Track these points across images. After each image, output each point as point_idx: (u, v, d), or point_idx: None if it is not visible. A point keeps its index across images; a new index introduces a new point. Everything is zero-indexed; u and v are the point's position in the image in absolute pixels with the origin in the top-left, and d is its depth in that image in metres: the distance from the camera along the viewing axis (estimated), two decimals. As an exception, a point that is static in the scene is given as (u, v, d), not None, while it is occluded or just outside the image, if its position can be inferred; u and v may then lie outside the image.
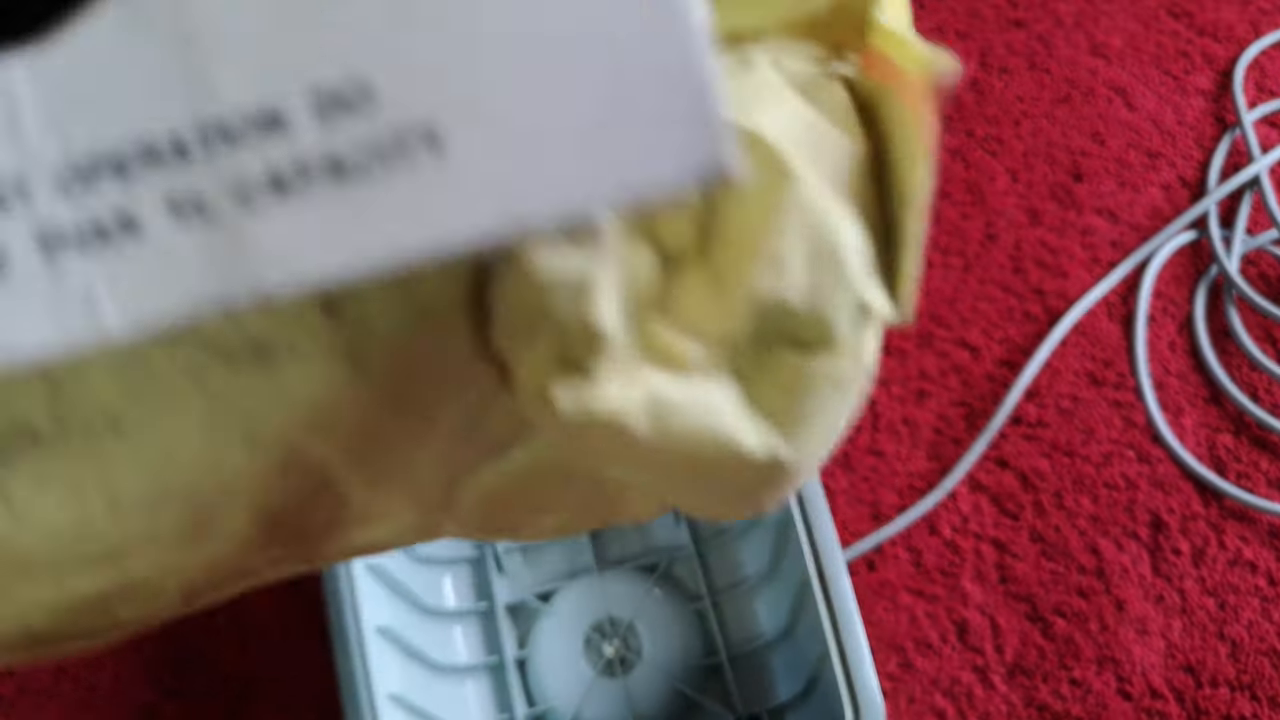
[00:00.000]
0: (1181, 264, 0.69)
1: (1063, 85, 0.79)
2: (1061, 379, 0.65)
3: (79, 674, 0.61)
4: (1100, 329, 0.67)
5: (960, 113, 0.77)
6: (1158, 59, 0.79)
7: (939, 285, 0.69)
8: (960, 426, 0.64)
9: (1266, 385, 0.64)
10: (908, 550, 0.60)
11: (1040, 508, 0.61)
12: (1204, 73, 0.78)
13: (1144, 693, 0.56)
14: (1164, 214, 0.71)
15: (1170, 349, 0.66)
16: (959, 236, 0.71)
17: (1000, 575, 0.59)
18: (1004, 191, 0.73)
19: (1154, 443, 0.63)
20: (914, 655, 0.58)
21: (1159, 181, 0.73)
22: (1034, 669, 0.57)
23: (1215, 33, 0.80)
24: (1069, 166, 0.74)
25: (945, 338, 0.67)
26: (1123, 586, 0.58)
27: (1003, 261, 0.70)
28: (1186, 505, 0.61)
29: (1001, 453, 0.63)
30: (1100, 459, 0.62)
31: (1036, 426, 0.64)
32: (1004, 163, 0.75)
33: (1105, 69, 0.79)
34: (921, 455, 0.63)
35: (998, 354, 0.67)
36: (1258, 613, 0.57)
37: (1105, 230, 0.71)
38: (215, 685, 0.60)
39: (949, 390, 0.66)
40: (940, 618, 0.58)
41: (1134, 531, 0.60)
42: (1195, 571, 0.59)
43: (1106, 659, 0.57)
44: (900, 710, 0.56)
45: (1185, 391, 0.64)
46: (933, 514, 0.61)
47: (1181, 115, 0.76)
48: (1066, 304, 0.68)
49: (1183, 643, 0.57)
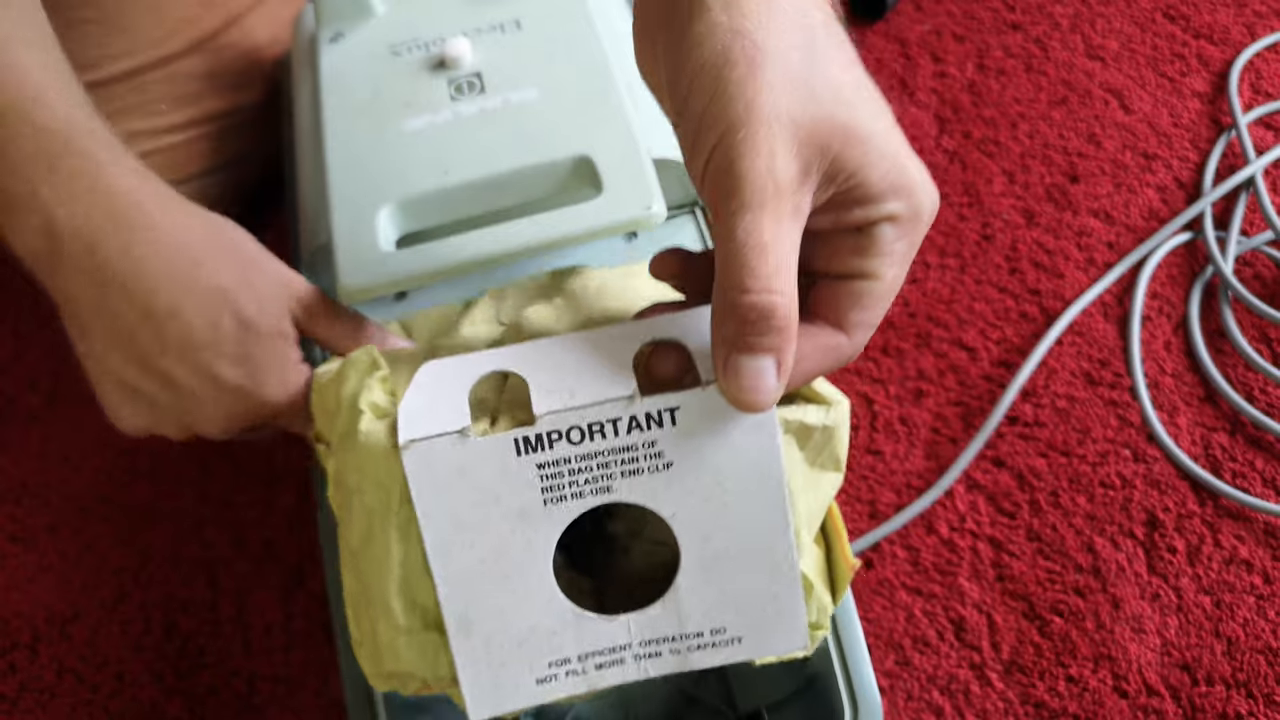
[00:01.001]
0: (1177, 265, 0.70)
1: (1059, 88, 0.79)
2: (1058, 379, 0.66)
3: (83, 673, 0.61)
4: (1096, 329, 0.67)
5: (957, 115, 0.78)
6: (1154, 61, 0.80)
7: (936, 286, 0.70)
8: (957, 426, 0.65)
9: (1262, 385, 0.64)
10: (905, 549, 0.61)
11: (1037, 506, 0.61)
12: (1200, 75, 0.79)
13: (1140, 690, 0.56)
14: (1160, 215, 0.72)
15: (1166, 349, 0.66)
16: (956, 238, 0.72)
17: (997, 573, 0.60)
18: (1000, 193, 0.74)
19: (1149, 442, 0.63)
20: (911, 652, 0.58)
21: (1155, 183, 0.73)
22: (1030, 666, 0.57)
23: (1211, 35, 0.81)
24: (1065, 168, 0.75)
25: (942, 338, 0.68)
26: (1119, 585, 0.59)
27: (999, 262, 0.71)
28: (1182, 504, 0.61)
29: (998, 452, 0.63)
30: (1096, 458, 0.63)
31: (1033, 426, 0.64)
32: (1001, 164, 0.75)
33: (1101, 71, 0.79)
34: (919, 454, 0.64)
35: (994, 354, 0.67)
36: (1253, 611, 0.58)
37: (1101, 231, 0.71)
38: (219, 683, 0.60)
39: (946, 390, 0.66)
40: (938, 615, 0.59)
41: (1130, 530, 0.60)
42: (1191, 570, 0.59)
43: (1103, 656, 0.57)
44: (898, 707, 0.56)
45: (1181, 391, 0.65)
46: (930, 513, 0.62)
47: (1177, 117, 0.77)
48: (1063, 304, 0.68)
49: (1179, 640, 0.57)
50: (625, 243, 0.53)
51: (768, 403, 0.33)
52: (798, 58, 0.33)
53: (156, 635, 0.62)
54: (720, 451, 0.34)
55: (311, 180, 0.55)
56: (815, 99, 0.32)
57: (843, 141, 0.32)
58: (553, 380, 0.34)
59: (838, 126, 0.32)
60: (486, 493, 0.34)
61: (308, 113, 0.58)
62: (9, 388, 0.72)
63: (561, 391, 0.33)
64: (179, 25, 0.65)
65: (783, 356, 0.32)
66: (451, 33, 0.54)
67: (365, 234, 0.48)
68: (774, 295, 0.31)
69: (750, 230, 0.31)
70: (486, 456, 0.34)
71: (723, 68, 0.32)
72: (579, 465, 0.34)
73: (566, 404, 0.33)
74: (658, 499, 0.35)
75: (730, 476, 0.35)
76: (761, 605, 0.37)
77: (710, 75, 0.32)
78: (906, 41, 0.82)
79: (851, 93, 0.33)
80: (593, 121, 0.50)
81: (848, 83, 0.33)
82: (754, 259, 0.31)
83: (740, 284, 0.31)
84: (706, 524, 0.35)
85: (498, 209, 0.49)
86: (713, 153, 0.32)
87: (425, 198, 0.49)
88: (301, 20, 0.64)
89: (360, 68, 0.54)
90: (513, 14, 0.55)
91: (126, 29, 0.63)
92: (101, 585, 0.64)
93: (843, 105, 0.32)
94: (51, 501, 0.67)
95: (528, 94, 0.51)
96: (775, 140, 0.31)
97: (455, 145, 0.50)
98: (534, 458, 0.34)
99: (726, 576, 0.36)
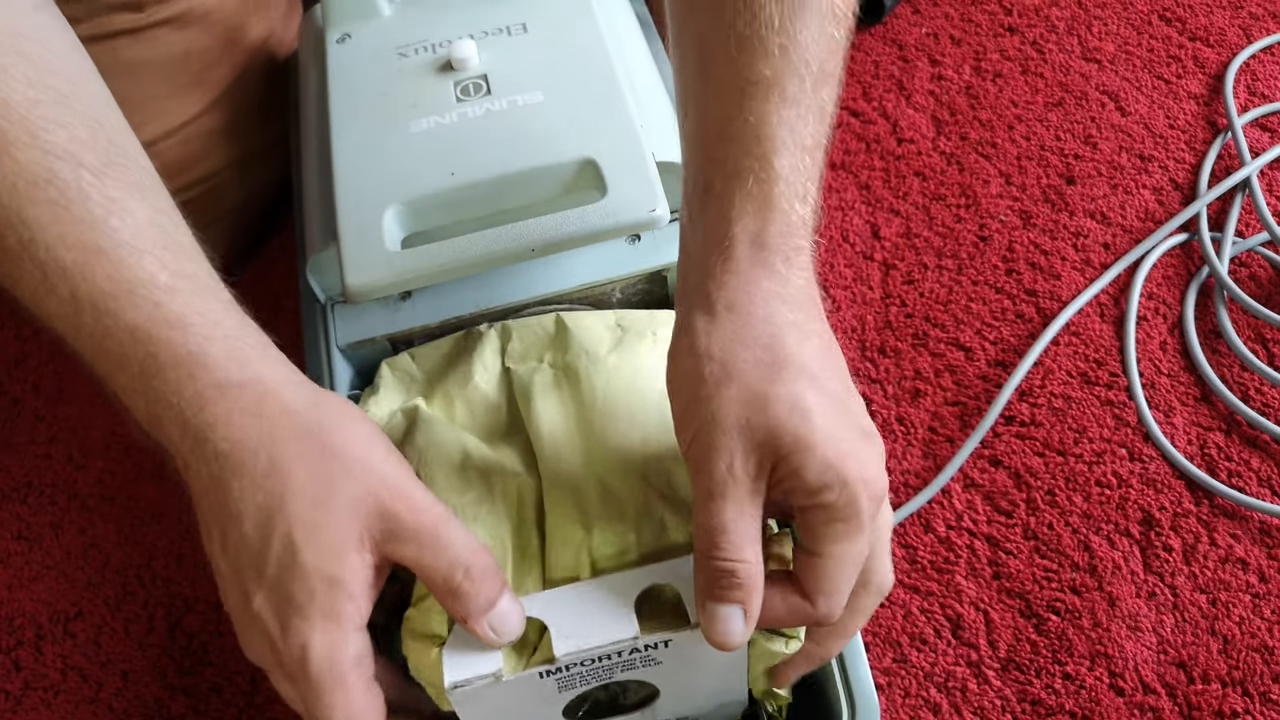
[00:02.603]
0: (1173, 266, 0.70)
1: (1056, 90, 0.79)
2: (1054, 379, 0.66)
3: (87, 671, 0.62)
4: (1092, 329, 0.68)
5: (954, 117, 0.78)
6: (1150, 64, 0.80)
7: (933, 287, 0.70)
8: (954, 425, 0.65)
9: (1257, 385, 0.65)
10: (903, 547, 0.61)
11: (1033, 505, 0.62)
12: (1196, 77, 0.79)
13: (1136, 688, 0.56)
14: (1156, 217, 0.72)
15: (1161, 349, 0.67)
16: (953, 239, 0.72)
17: (994, 571, 0.60)
18: (997, 194, 0.74)
19: (1145, 441, 0.63)
20: (909, 650, 0.58)
21: (1151, 185, 0.74)
22: (1027, 664, 0.57)
23: (1207, 38, 0.81)
24: (1062, 170, 0.75)
25: (939, 338, 0.68)
26: (1115, 583, 0.59)
27: (996, 263, 0.71)
28: (1178, 503, 0.61)
29: (995, 451, 0.64)
30: (1092, 457, 0.63)
31: (1029, 425, 0.65)
32: (997, 166, 0.76)
33: (1098, 74, 0.80)
34: (916, 453, 0.64)
35: (991, 354, 0.68)
36: (1249, 609, 0.58)
37: (1097, 232, 0.72)
38: (223, 681, 0.61)
39: (943, 390, 0.66)
40: (935, 613, 0.59)
41: (1126, 529, 0.61)
42: (1187, 568, 0.59)
43: (1099, 654, 0.57)
44: (895, 704, 0.57)
45: (1176, 391, 0.65)
46: (927, 511, 0.62)
47: (1173, 119, 0.77)
48: (1059, 305, 0.69)
49: (1174, 639, 0.57)
50: (628, 244, 0.53)
51: (737, 643, 0.39)
52: (758, 375, 0.39)
53: (160, 633, 0.62)
54: (700, 659, 0.42)
55: (318, 180, 0.56)
56: (770, 411, 0.38)
57: (790, 447, 0.38)
58: (570, 626, 0.41)
59: (786, 435, 0.38)
60: (516, 697, 0.42)
61: (315, 113, 0.58)
62: (14, 388, 0.72)
63: (577, 637, 0.40)
64: (187, 90, 0.66)
65: (748, 607, 0.39)
66: (458, 35, 0.55)
67: (371, 233, 0.48)
68: (735, 563, 0.38)
69: (714, 514, 0.39)
70: (516, 685, 0.41)
71: (696, 385, 0.39)
72: (588, 672, 0.42)
73: (581, 647, 0.40)
74: (648, 677, 0.43)
75: (705, 669, 0.44)
76: (715, 701, 0.47)
77: (687, 387, 0.40)
78: (904, 44, 0.83)
79: (807, 399, 0.38)
80: (597, 124, 0.50)
81: (802, 390, 0.39)
82: (719, 536, 0.38)
83: (708, 552, 0.39)
84: (683, 682, 0.44)
85: (502, 210, 0.50)
86: (690, 444, 0.40)
87: (431, 198, 0.49)
88: (309, 21, 0.65)
89: (367, 69, 0.55)
90: (519, 17, 0.55)
91: (138, 103, 0.64)
92: (105, 584, 0.64)
93: (796, 414, 0.38)
94: (56, 500, 0.68)
95: (533, 96, 0.52)
96: (734, 446, 0.38)
97: (461, 146, 0.50)
98: (553, 678, 0.41)
99: (692, 696, 0.46)
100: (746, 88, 0.40)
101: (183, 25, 0.63)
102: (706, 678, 0.44)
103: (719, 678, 0.45)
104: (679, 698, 0.45)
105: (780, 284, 0.40)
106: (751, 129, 0.40)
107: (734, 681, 0.45)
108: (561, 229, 0.47)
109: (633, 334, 0.49)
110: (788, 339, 0.39)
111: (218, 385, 0.40)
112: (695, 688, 0.45)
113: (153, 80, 0.63)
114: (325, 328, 0.54)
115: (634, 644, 0.40)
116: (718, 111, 0.41)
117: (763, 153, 0.40)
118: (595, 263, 0.53)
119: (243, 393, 0.40)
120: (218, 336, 0.40)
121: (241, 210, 0.74)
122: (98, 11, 0.60)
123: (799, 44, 0.40)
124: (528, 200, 0.50)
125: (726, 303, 0.40)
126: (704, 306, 0.40)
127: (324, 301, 0.54)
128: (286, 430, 0.40)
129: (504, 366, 0.49)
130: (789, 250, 0.40)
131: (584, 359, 0.48)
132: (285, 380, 0.41)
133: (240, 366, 0.40)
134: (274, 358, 0.42)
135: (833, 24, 0.41)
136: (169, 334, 0.39)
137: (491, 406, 0.49)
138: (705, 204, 0.41)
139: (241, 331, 0.41)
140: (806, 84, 0.40)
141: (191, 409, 0.39)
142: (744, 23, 0.40)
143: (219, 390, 0.40)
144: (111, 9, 0.60)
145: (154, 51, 0.63)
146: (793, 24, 0.40)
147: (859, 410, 0.41)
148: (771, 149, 0.40)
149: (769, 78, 0.40)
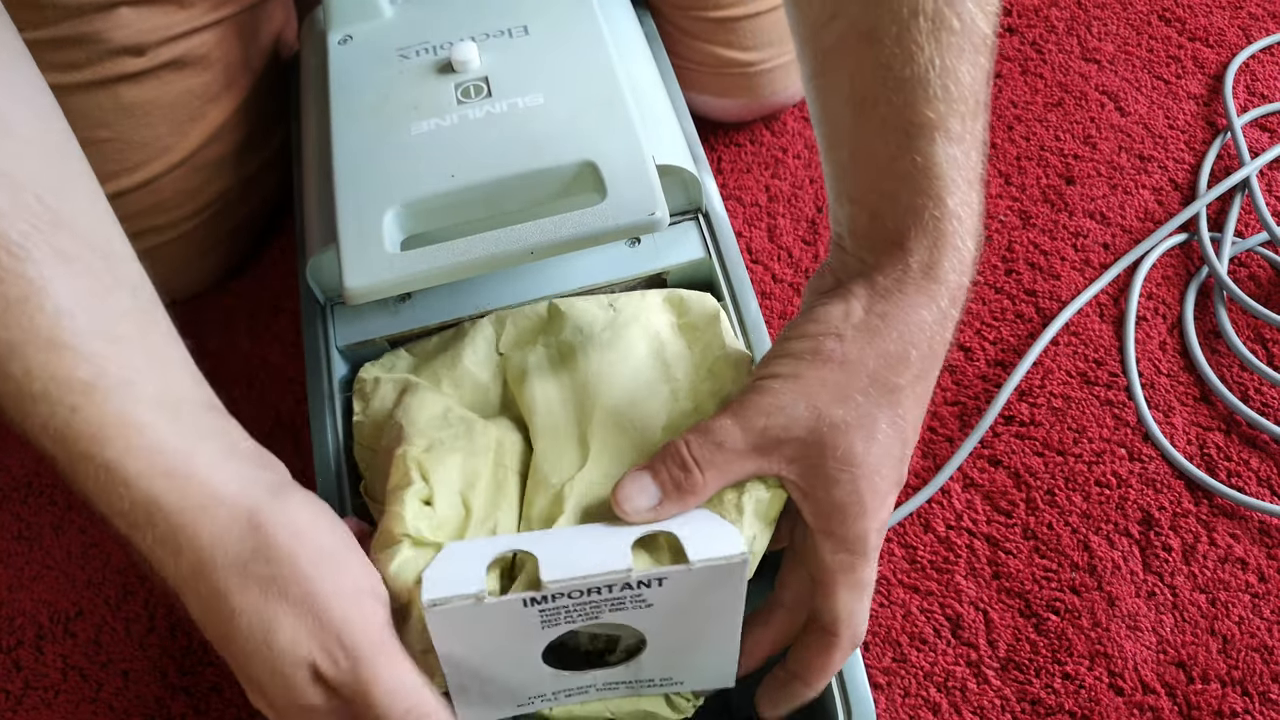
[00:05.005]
0: (1172, 266, 0.70)
1: (1055, 90, 0.79)
2: (1053, 379, 0.66)
3: (87, 670, 0.62)
4: (1092, 329, 0.68)
5: (955, 117, 0.78)
6: (1149, 64, 0.80)
7: (934, 287, 0.70)
8: (954, 425, 0.65)
9: (1257, 385, 0.65)
10: (902, 546, 0.61)
11: (1033, 505, 0.62)
12: (1195, 78, 0.79)
13: (1136, 688, 0.56)
14: (1155, 217, 0.72)
15: (1161, 349, 0.67)
16: (953, 239, 0.72)
17: (993, 571, 0.60)
18: (997, 194, 0.74)
19: (1145, 441, 0.64)
20: (909, 650, 0.58)
21: (1150, 185, 0.74)
22: (1027, 664, 0.57)
23: (1206, 38, 0.81)
24: (1061, 170, 0.75)
25: (940, 338, 0.68)
26: (1114, 583, 0.59)
27: (995, 263, 0.71)
28: (1177, 503, 0.61)
29: (995, 451, 0.64)
30: (1092, 457, 0.63)
31: (1029, 425, 0.65)
32: (997, 166, 0.76)
33: (1097, 74, 0.80)
34: (916, 453, 0.64)
35: (991, 354, 0.68)
36: (1248, 609, 0.58)
37: (1097, 233, 0.72)
38: (223, 681, 0.61)
39: (942, 389, 0.66)
40: (934, 612, 0.59)
41: (1125, 528, 0.61)
42: (1186, 568, 0.59)
43: (1099, 654, 0.57)
44: (895, 704, 0.57)
45: (1176, 391, 0.65)
46: (927, 511, 0.62)
47: (1173, 119, 0.77)
48: (1058, 305, 0.69)
49: (1174, 638, 0.58)
50: (628, 247, 0.53)
51: (631, 509, 0.41)
52: (860, 402, 0.41)
53: (160, 633, 0.63)
54: (693, 604, 0.42)
55: (318, 181, 0.56)
56: (835, 435, 0.41)
57: (827, 477, 0.41)
58: (560, 557, 0.40)
59: (830, 458, 0.41)
60: (495, 630, 0.41)
61: (315, 114, 0.58)
62: (12, 387, 0.72)
63: (566, 565, 0.40)
64: (190, 125, 0.66)
65: (669, 501, 0.41)
66: (459, 37, 0.55)
67: (371, 235, 0.48)
68: (691, 460, 0.41)
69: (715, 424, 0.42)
70: (497, 611, 0.40)
71: (805, 352, 0.42)
72: (574, 606, 0.41)
73: (570, 574, 0.39)
74: (635, 622, 0.42)
75: (697, 618, 0.43)
76: (703, 666, 0.46)
77: (796, 344, 0.42)
78: (904, 43, 0.83)
79: (870, 467, 0.41)
80: (598, 127, 0.50)
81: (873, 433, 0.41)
82: (693, 432, 0.42)
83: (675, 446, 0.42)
84: (673, 635, 0.43)
85: (502, 212, 0.50)
86: (754, 376, 0.42)
87: (431, 200, 0.49)
88: (311, 23, 0.65)
89: (368, 70, 0.55)
90: (520, 19, 0.55)
91: (142, 143, 0.64)
92: (106, 583, 0.64)
93: (852, 471, 0.41)
94: (56, 500, 0.68)
95: (534, 99, 0.51)
96: (784, 410, 0.41)
97: (461, 148, 0.50)
98: (537, 607, 0.40)
99: (680, 654, 0.45)
100: (910, 129, 0.41)
101: (184, 66, 0.64)
102: (697, 630, 0.43)
103: (710, 633, 0.44)
104: (667, 651, 0.44)
105: (939, 325, 0.43)
106: (920, 169, 0.41)
107: (725, 642, 0.44)
108: (561, 231, 0.47)
109: (626, 314, 0.50)
110: (905, 396, 0.42)
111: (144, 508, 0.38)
112: (684, 641, 0.44)
113: (156, 120, 0.64)
114: (325, 329, 0.54)
115: (625, 578, 0.40)
116: (881, 151, 0.42)
117: (935, 191, 0.41)
118: (595, 265, 0.53)
119: (165, 522, 0.38)
120: (137, 446, 0.38)
121: (248, 224, 0.75)
122: (100, 57, 0.60)
123: (960, 82, 0.40)
124: (528, 202, 0.50)
125: (880, 312, 0.42)
126: (866, 289, 0.42)
127: (324, 303, 0.54)
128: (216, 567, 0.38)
129: (498, 353, 0.50)
130: (955, 290, 0.43)
131: (579, 335, 0.49)
132: (214, 498, 0.39)
133: (165, 484, 0.38)
134: (205, 458, 0.39)
135: (985, 55, 0.41)
136: (88, 448, 0.37)
137: (479, 386, 0.49)
138: (872, 229, 0.43)
139: (167, 434, 0.38)
140: (967, 120, 0.41)
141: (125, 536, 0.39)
142: (900, 63, 0.40)
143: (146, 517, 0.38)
144: (114, 54, 0.60)
145: (156, 93, 0.63)
146: (953, 62, 0.40)
147: (906, 460, 0.43)
148: (943, 188, 0.41)
149: (933, 120, 0.40)
